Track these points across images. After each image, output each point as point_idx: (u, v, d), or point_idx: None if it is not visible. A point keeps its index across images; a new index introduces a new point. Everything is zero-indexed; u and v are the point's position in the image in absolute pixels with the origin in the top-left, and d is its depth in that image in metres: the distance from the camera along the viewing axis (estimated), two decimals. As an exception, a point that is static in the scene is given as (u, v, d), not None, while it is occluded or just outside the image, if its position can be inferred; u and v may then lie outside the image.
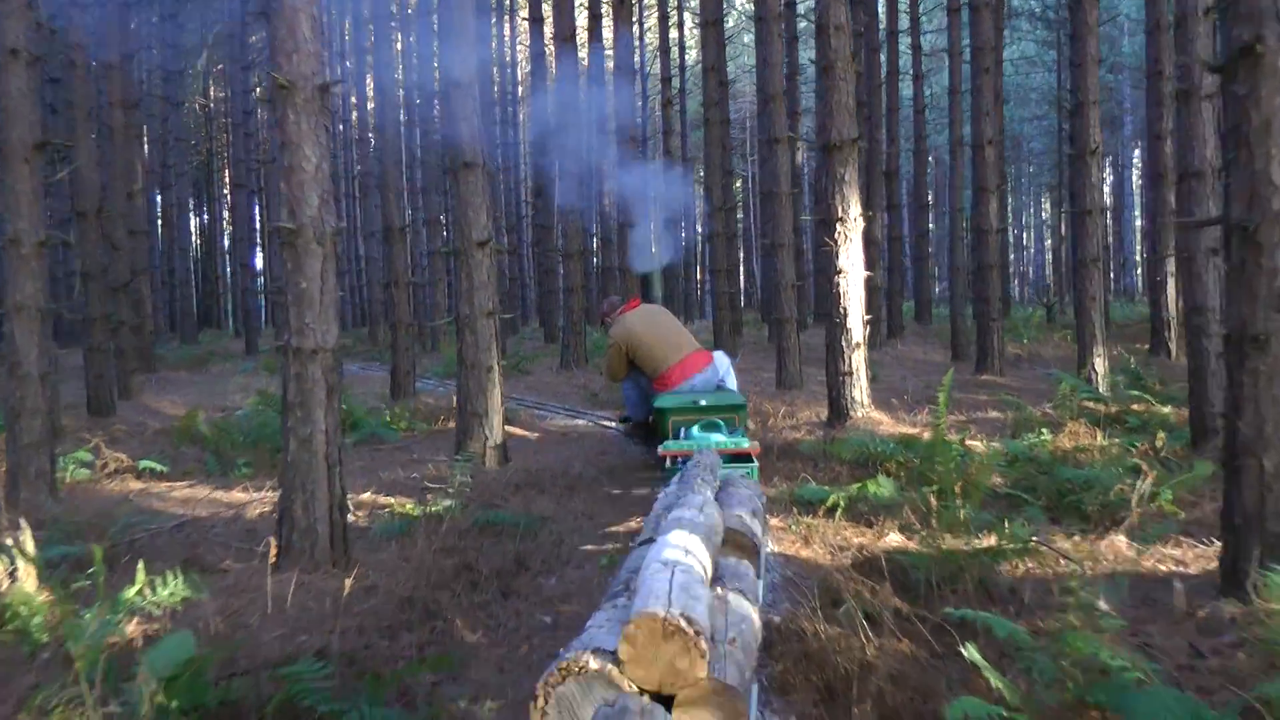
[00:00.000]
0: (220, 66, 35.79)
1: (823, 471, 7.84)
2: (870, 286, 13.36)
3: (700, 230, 45.15)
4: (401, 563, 5.24)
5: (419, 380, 15.08)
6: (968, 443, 8.01)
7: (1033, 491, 6.86)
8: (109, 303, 13.70)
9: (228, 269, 43.02)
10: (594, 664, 2.49)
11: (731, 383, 8.59)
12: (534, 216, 27.98)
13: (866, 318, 9.63)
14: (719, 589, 3.26)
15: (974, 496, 5.96)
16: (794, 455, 8.40)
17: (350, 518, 6.80)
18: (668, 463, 6.85)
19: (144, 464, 8.77)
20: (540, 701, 2.47)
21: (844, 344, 9.44)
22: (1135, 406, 9.96)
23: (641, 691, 2.47)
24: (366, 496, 7.44)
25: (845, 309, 9.42)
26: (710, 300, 41.59)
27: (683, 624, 2.46)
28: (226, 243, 42.52)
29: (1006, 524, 5.61)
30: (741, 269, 41.28)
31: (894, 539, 5.99)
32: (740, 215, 42.11)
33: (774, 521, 6.32)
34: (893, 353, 18.70)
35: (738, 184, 44.65)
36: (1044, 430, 8.77)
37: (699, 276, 46.03)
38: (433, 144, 22.83)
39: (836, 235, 9.37)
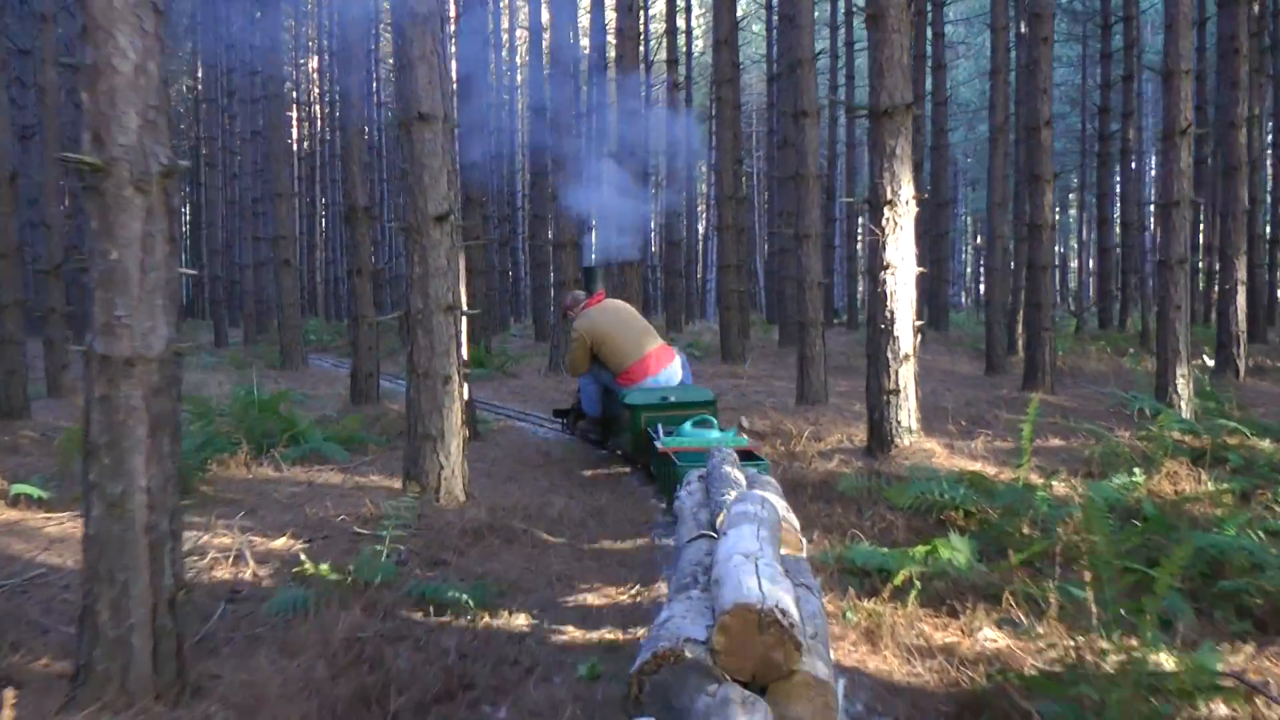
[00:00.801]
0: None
1: (870, 520, 6.08)
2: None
3: (696, 224, 43.46)
4: (274, 686, 3.46)
5: (389, 382, 13.36)
6: (1055, 487, 6.28)
7: (1153, 563, 5.12)
8: (41, 289, 11.98)
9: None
10: (689, 653, 2.52)
11: (689, 380, 8.72)
12: (530, 207, 26.25)
13: (917, 323, 7.88)
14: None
15: (1102, 578, 4.18)
16: (830, 495, 6.65)
17: (247, 574, 5.09)
18: (669, 460, 6.58)
19: (17, 489, 7.00)
20: (634, 689, 2.49)
21: (890, 355, 7.69)
22: (1229, 439, 8.22)
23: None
24: (280, 544, 5.68)
25: (892, 312, 7.67)
26: (712, 299, 39.95)
27: (779, 616, 2.49)
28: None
29: (1146, 617, 3.85)
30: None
31: (990, 637, 4.24)
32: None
33: (824, 601, 4.58)
34: (928, 364, 16.93)
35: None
36: (1135, 469, 7.02)
37: (699, 274, 44.17)
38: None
39: (885, 221, 7.63)
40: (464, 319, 8.73)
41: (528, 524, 6.12)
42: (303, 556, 5.04)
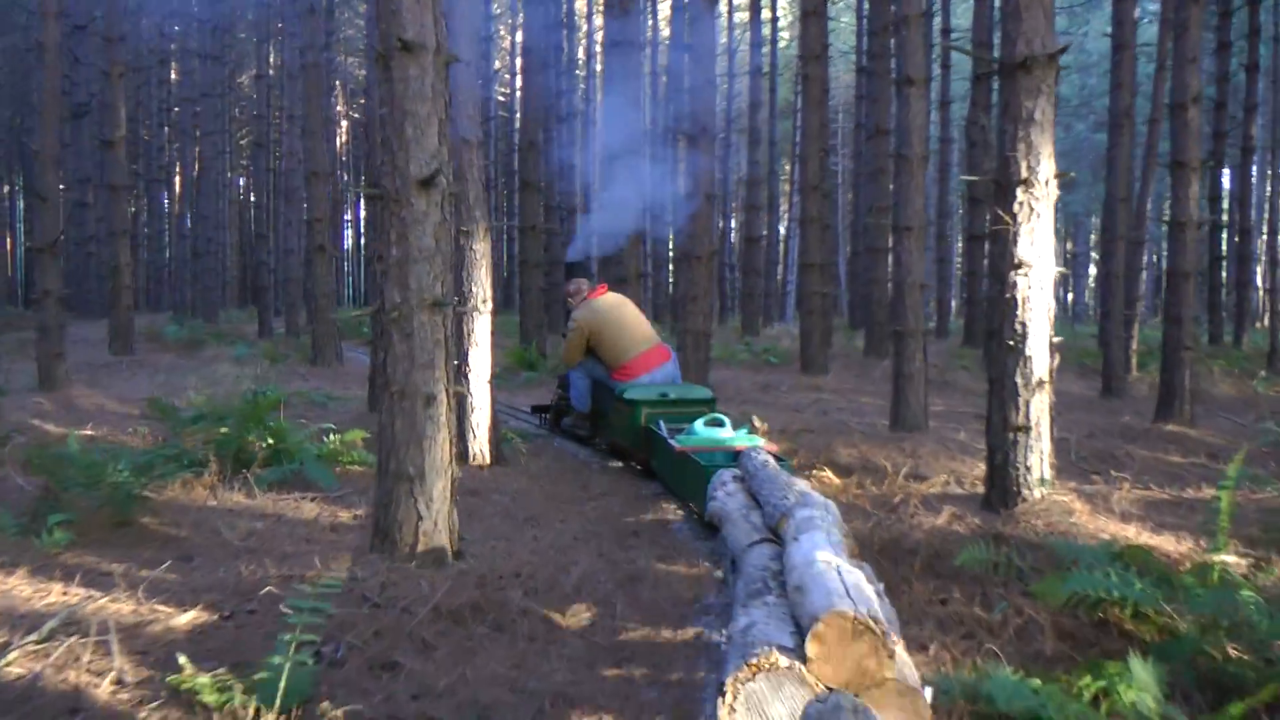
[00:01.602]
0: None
1: (1003, 615, 4.38)
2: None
3: (778, 222, 41.70)
4: None
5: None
6: (1263, 578, 4.53)
7: None
8: (33, 267, 10.63)
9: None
10: (783, 661, 2.51)
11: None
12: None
13: (1056, 340, 6.14)
14: (864, 588, 3.18)
15: None
16: (943, 568, 4.96)
17: (104, 684, 3.53)
18: (688, 460, 6.49)
19: (-92, 514, 5.57)
20: (730, 698, 2.47)
21: (1019, 381, 5.96)
22: None
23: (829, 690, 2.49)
24: (185, 620, 4.11)
25: (1024, 325, 5.95)
26: (791, 301, 37.96)
27: (871, 624, 2.52)
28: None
29: None
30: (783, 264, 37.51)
31: None
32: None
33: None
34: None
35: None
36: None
37: (780, 274, 42.23)
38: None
39: (1017, 206, 5.91)
40: (485, 317, 7.16)
41: (532, 599, 4.50)
42: (182, 661, 3.46)
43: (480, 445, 7.60)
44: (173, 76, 33.67)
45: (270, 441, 7.41)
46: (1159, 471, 8.04)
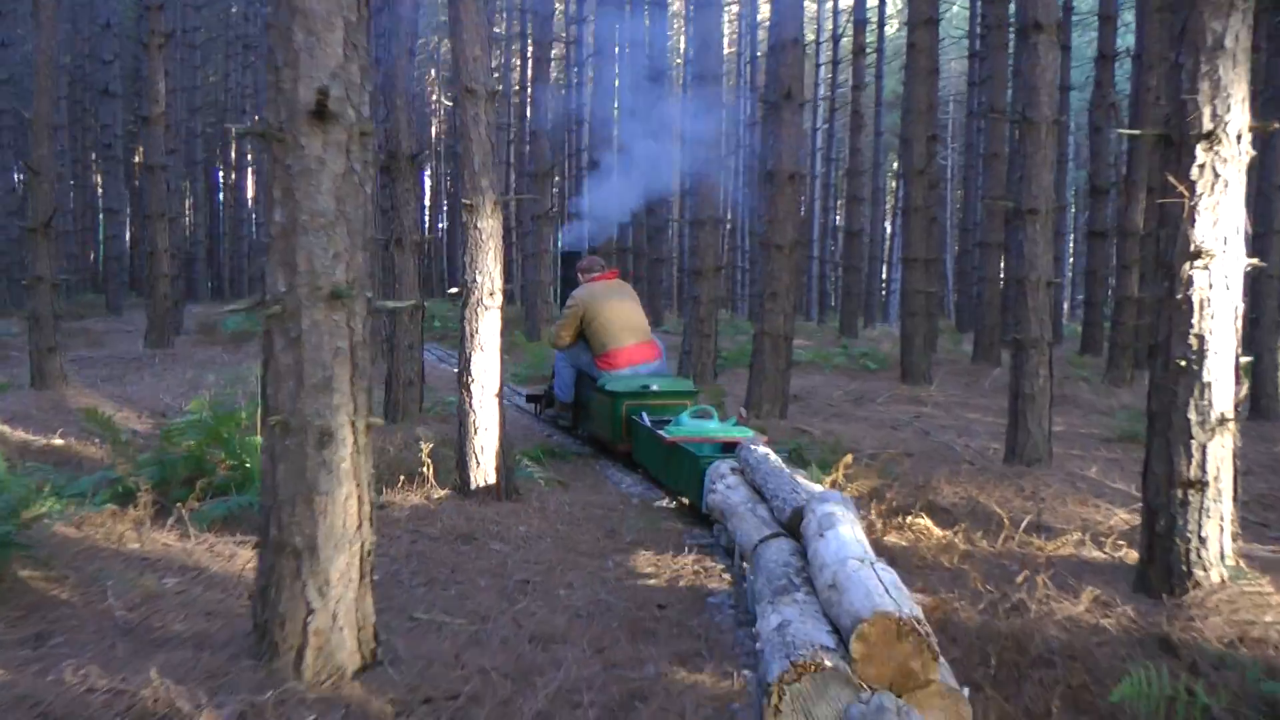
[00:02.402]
0: None
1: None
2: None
3: (883, 217, 39.64)
4: None
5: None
6: None
7: None
8: (37, 252, 9.43)
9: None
10: (829, 662, 2.49)
11: None
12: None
13: (1243, 359, 4.43)
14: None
15: None
16: (1088, 702, 3.34)
17: None
18: (680, 451, 6.29)
19: None
20: (775, 699, 2.44)
21: (1192, 416, 4.28)
22: None
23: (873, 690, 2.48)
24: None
25: (1201, 339, 4.27)
26: (896, 301, 35.75)
27: (916, 625, 2.52)
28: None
29: None
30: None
31: None
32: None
33: None
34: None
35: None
36: None
37: (884, 272, 40.08)
38: None
39: (1195, 170, 4.22)
40: (493, 312, 5.69)
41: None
42: None
43: (484, 474, 6.10)
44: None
45: (235, 463, 6.01)
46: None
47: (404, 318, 8.35)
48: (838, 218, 37.16)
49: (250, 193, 36.25)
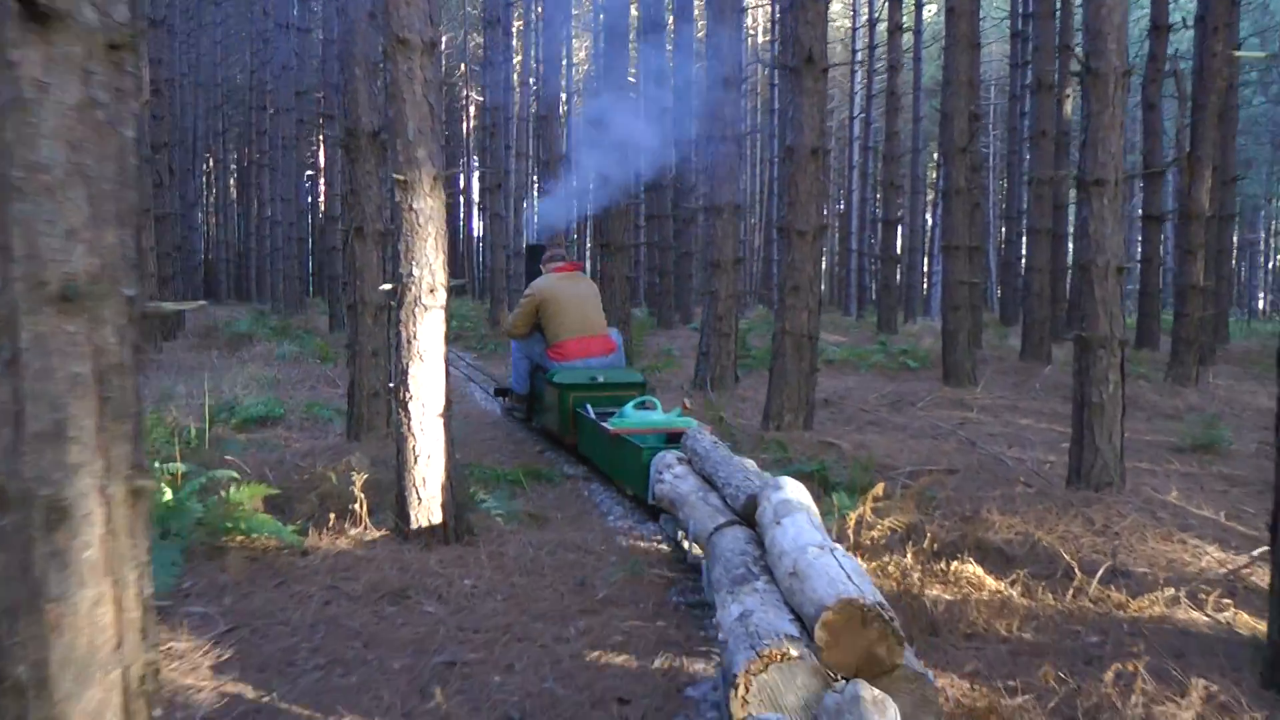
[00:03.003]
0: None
1: None
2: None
3: (923, 207, 38.29)
4: None
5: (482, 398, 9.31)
6: None
7: None
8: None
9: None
10: (794, 651, 2.45)
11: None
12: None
13: None
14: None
15: None
16: None
17: None
18: (624, 443, 6.21)
19: None
20: (742, 690, 2.41)
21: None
22: None
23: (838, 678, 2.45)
24: None
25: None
26: (937, 294, 34.33)
27: (880, 611, 2.47)
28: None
29: None
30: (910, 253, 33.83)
31: None
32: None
33: None
34: (1226, 398, 11.76)
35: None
36: None
37: (925, 264, 38.69)
38: None
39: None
40: (435, 312, 4.62)
41: None
42: None
43: (427, 511, 4.97)
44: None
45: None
46: None
47: (367, 319, 7.22)
48: (878, 210, 35.87)
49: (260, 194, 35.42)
